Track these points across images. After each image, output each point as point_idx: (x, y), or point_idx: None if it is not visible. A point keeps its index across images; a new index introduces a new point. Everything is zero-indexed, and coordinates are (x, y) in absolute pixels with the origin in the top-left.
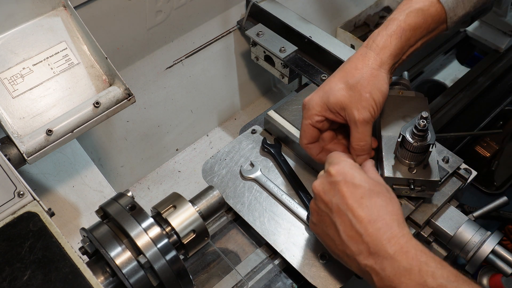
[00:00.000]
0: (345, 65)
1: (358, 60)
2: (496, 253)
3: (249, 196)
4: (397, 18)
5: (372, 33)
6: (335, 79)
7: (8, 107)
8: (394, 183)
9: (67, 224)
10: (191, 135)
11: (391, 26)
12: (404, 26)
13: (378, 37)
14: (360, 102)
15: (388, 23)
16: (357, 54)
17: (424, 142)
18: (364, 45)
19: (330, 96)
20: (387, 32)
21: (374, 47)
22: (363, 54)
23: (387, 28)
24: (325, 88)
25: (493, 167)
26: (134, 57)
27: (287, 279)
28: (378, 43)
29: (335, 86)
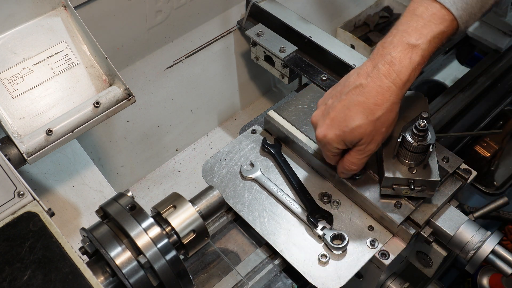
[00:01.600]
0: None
1: (379, 95)
2: (496, 253)
3: (249, 196)
4: (420, 46)
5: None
6: (352, 114)
7: (8, 107)
8: (394, 183)
9: (67, 224)
10: (191, 135)
11: (414, 56)
12: (427, 55)
13: (402, 68)
14: (374, 136)
15: (410, 50)
16: (376, 85)
17: (424, 142)
18: (385, 74)
19: (347, 133)
20: (411, 64)
21: (398, 81)
22: (385, 88)
23: (411, 59)
24: (341, 124)
25: (493, 167)
26: (134, 57)
27: (287, 279)
28: (401, 77)
29: (352, 123)
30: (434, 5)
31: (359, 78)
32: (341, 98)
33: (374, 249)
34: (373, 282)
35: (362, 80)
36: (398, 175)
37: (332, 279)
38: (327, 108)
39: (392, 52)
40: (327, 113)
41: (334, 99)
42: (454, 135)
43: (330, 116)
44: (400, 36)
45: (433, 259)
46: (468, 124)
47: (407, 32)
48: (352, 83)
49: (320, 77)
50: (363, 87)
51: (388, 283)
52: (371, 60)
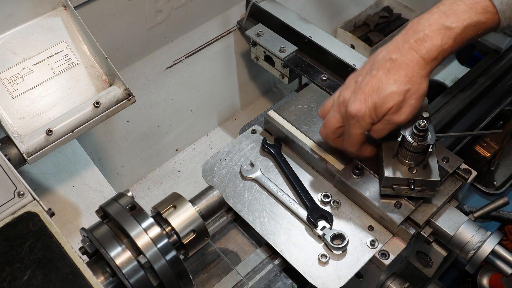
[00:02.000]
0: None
1: (409, 68)
2: (496, 253)
3: (249, 196)
4: (454, 29)
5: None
6: (383, 86)
7: (8, 107)
8: (394, 183)
9: (67, 224)
10: (191, 135)
11: (446, 38)
12: (460, 40)
13: (433, 46)
14: (403, 108)
15: (444, 31)
16: (406, 58)
17: (424, 142)
18: (415, 48)
19: (379, 105)
20: (442, 44)
21: (427, 57)
22: (414, 61)
23: (442, 39)
24: (374, 97)
25: (493, 167)
26: (134, 57)
27: (287, 279)
28: (430, 54)
29: (384, 92)
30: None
31: (389, 53)
32: (372, 73)
33: (374, 249)
34: (373, 282)
35: (392, 54)
36: (398, 175)
37: (332, 279)
38: (358, 84)
39: (426, 30)
40: (359, 89)
41: (364, 76)
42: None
43: (363, 90)
44: (438, 16)
45: (433, 259)
46: (468, 124)
47: (446, 14)
48: (383, 58)
49: (320, 77)
50: (393, 60)
51: (388, 283)
52: (402, 35)
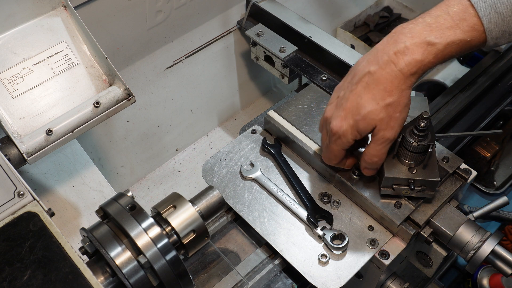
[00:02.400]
0: (372, 83)
1: (387, 81)
2: (496, 253)
3: (249, 196)
4: (436, 46)
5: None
6: (363, 101)
7: (8, 107)
8: (394, 183)
9: (67, 224)
10: (191, 135)
11: (427, 54)
12: (441, 56)
13: (412, 60)
14: (389, 123)
15: (425, 46)
16: (385, 71)
17: (424, 142)
18: (394, 61)
19: (359, 122)
20: (422, 59)
21: (406, 71)
22: (393, 75)
23: (422, 54)
24: (354, 113)
25: (493, 167)
26: (134, 57)
27: (287, 279)
28: (410, 68)
29: (364, 109)
30: (469, 10)
31: (368, 65)
32: (352, 88)
33: (374, 249)
34: (373, 282)
35: (371, 67)
36: (398, 175)
37: (332, 279)
38: (340, 100)
39: (407, 41)
40: (340, 105)
41: (345, 90)
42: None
43: (344, 107)
44: (422, 28)
45: (433, 259)
46: (468, 124)
47: (431, 27)
48: (362, 71)
49: (320, 77)
50: (371, 74)
51: (388, 283)
52: (383, 43)
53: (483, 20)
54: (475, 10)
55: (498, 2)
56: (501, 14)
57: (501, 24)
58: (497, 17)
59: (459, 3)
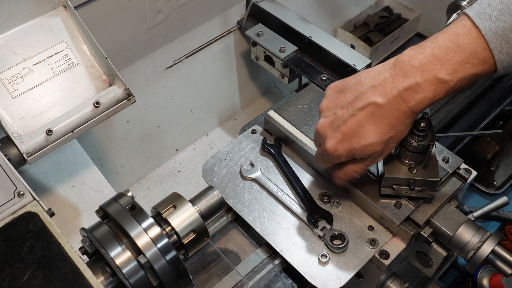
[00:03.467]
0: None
1: (394, 117)
2: (496, 253)
3: (249, 196)
4: (448, 83)
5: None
6: (365, 132)
7: (8, 107)
8: (394, 183)
9: (67, 224)
10: (191, 135)
11: (439, 91)
12: (452, 91)
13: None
14: (384, 151)
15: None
16: (393, 107)
17: (424, 142)
18: (405, 99)
19: (357, 150)
20: (433, 97)
21: (416, 109)
22: (401, 111)
23: (434, 91)
24: (353, 141)
25: (493, 167)
26: (134, 57)
27: (287, 279)
28: (420, 106)
29: (364, 141)
30: (479, 42)
31: (375, 94)
32: (353, 112)
33: (374, 249)
34: (373, 282)
35: (378, 98)
36: (398, 175)
37: (332, 279)
38: (337, 120)
39: (418, 78)
40: (337, 126)
41: (345, 111)
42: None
43: (341, 130)
44: (433, 63)
45: (433, 259)
46: (468, 124)
47: (442, 62)
48: (367, 98)
49: (320, 77)
50: (379, 106)
51: (388, 283)
52: (392, 74)
53: (493, 51)
54: (486, 42)
55: (510, 32)
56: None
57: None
58: (508, 47)
59: (469, 34)
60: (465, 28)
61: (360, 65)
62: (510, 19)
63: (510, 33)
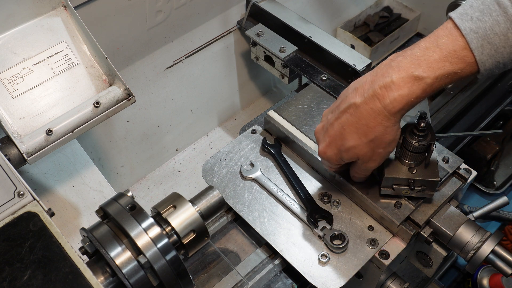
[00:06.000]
0: (355, 116)
1: (370, 118)
2: (496, 253)
3: (249, 196)
4: (424, 80)
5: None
6: (346, 134)
7: (8, 107)
8: (394, 183)
9: (67, 224)
10: (191, 135)
11: (415, 88)
12: (430, 90)
13: (398, 97)
14: (372, 157)
15: (413, 81)
16: (368, 107)
17: (424, 142)
18: (379, 96)
19: (343, 152)
20: (409, 95)
21: (390, 108)
22: (376, 111)
23: (410, 88)
24: (338, 143)
25: (493, 167)
26: (134, 57)
27: (287, 279)
28: (394, 105)
29: (347, 143)
30: (459, 41)
31: (355, 95)
32: (338, 115)
33: (374, 249)
34: (373, 282)
35: (356, 98)
36: (398, 175)
37: (332, 279)
38: (327, 124)
39: (394, 76)
40: (326, 130)
41: (332, 115)
42: (454, 135)
43: (328, 133)
44: (410, 62)
45: (433, 259)
46: (468, 124)
47: (419, 60)
48: (348, 100)
49: (320, 77)
50: (356, 107)
51: (388, 283)
52: (372, 74)
53: (474, 52)
54: (466, 41)
55: (491, 32)
56: (494, 46)
57: (494, 55)
58: (489, 48)
59: (449, 34)
60: (446, 30)
61: (360, 65)
62: (491, 19)
63: (491, 34)
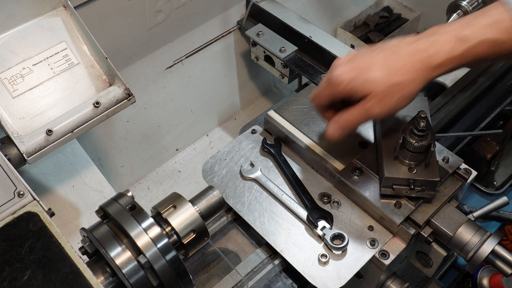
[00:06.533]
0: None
1: (407, 64)
2: (496, 253)
3: (249, 196)
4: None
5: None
6: (374, 66)
7: (8, 107)
8: (394, 183)
9: (67, 224)
10: (191, 135)
11: (457, 46)
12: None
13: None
14: (383, 99)
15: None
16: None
17: (424, 142)
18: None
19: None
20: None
21: (428, 62)
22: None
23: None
24: (360, 71)
25: (493, 167)
26: (134, 57)
27: (287, 279)
28: (435, 59)
29: (369, 74)
30: (505, 14)
31: (398, 43)
32: (372, 53)
33: (374, 249)
34: (373, 282)
35: (401, 44)
36: (398, 175)
37: (332, 279)
38: (354, 57)
39: (439, 36)
40: (350, 60)
41: (364, 53)
42: (454, 135)
43: (353, 63)
44: (457, 27)
45: (433, 259)
46: (468, 124)
47: (466, 25)
48: (392, 44)
49: (320, 77)
50: (398, 48)
51: (388, 283)
52: (418, 35)
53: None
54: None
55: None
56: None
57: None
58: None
59: (496, 8)
60: (494, 6)
61: None
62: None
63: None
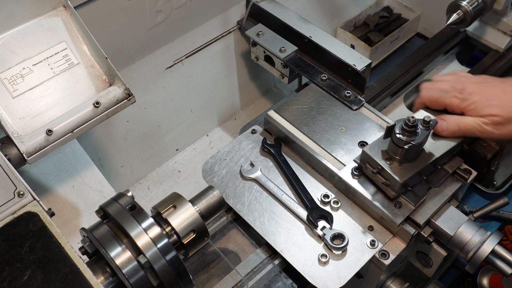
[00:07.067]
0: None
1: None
2: (496, 253)
3: (249, 196)
4: None
5: None
6: (502, 97)
7: (8, 107)
8: (369, 161)
9: (67, 224)
10: (191, 135)
11: None
12: None
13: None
14: (505, 125)
15: None
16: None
17: (403, 138)
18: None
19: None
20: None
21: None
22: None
23: None
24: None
25: (493, 167)
26: (134, 57)
27: (287, 279)
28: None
29: (487, 108)
30: None
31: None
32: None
33: (374, 249)
34: (373, 282)
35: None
36: (374, 157)
37: (332, 279)
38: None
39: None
40: (482, 83)
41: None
42: None
43: (483, 87)
44: None
45: (433, 259)
46: None
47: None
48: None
49: (320, 77)
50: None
51: (388, 283)
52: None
53: None
54: None
55: None
56: None
57: None
58: None
59: None
60: None
61: (360, 65)
62: None
63: None
